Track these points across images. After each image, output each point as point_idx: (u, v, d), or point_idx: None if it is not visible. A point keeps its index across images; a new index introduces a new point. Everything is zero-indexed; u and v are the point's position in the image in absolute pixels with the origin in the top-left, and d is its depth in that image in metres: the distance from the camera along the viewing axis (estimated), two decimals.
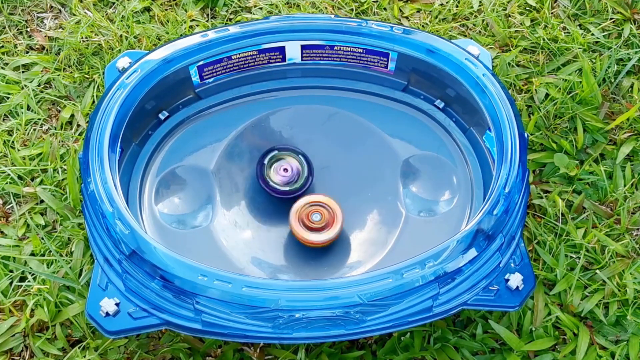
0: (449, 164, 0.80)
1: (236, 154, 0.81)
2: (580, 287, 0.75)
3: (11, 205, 0.82)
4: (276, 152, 0.78)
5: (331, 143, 0.82)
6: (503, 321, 0.73)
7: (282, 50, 0.82)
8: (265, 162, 0.77)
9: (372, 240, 0.75)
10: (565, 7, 1.00)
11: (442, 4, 1.01)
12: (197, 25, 0.98)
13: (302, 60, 0.84)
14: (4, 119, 0.89)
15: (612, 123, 0.87)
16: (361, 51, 0.82)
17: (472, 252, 0.64)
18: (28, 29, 0.98)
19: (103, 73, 0.91)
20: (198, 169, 0.80)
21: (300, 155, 0.78)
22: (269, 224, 0.77)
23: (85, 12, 0.99)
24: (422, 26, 0.98)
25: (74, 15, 0.99)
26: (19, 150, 0.86)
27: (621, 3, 0.99)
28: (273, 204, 0.78)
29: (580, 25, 0.98)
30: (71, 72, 0.93)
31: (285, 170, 0.76)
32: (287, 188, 0.77)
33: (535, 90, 0.91)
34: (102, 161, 0.69)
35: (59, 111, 0.90)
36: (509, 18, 0.99)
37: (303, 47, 0.83)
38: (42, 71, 0.93)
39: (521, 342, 0.72)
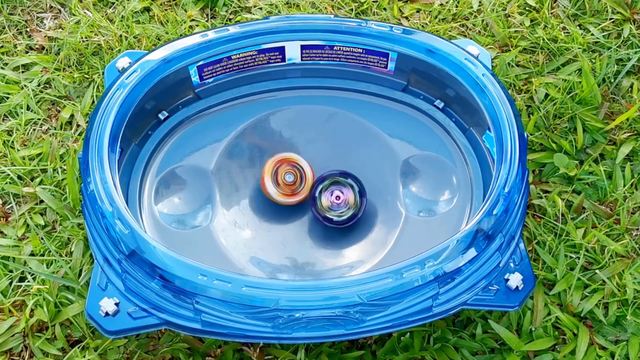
0: (448, 164, 0.80)
1: (236, 154, 0.81)
2: (580, 287, 0.75)
3: (11, 205, 0.82)
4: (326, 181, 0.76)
5: (331, 143, 0.82)
6: (503, 321, 0.73)
7: (281, 50, 0.83)
8: (317, 193, 0.76)
9: (372, 240, 0.75)
10: (565, 7, 1.00)
11: (441, 4, 1.01)
12: (197, 25, 0.98)
13: (301, 60, 0.84)
14: (3, 119, 0.89)
15: (611, 123, 0.87)
16: (361, 51, 0.82)
17: (472, 252, 0.64)
18: (28, 29, 0.98)
19: (103, 73, 0.91)
20: (198, 169, 0.80)
21: (349, 179, 0.76)
22: (269, 224, 0.77)
23: (85, 12, 0.99)
24: (422, 26, 0.98)
25: (74, 15, 0.99)
26: (18, 150, 0.86)
27: (621, 3, 0.99)
28: (273, 204, 0.78)
29: (580, 25, 0.98)
30: (71, 72, 0.93)
31: (338, 197, 0.75)
32: (339, 218, 0.75)
33: (535, 90, 0.91)
34: (102, 161, 0.69)
35: (59, 111, 0.90)
36: (509, 18, 0.99)
37: (303, 47, 0.83)
38: (41, 71, 0.93)
39: (521, 342, 0.72)
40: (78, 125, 0.88)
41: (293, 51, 0.83)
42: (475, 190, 0.78)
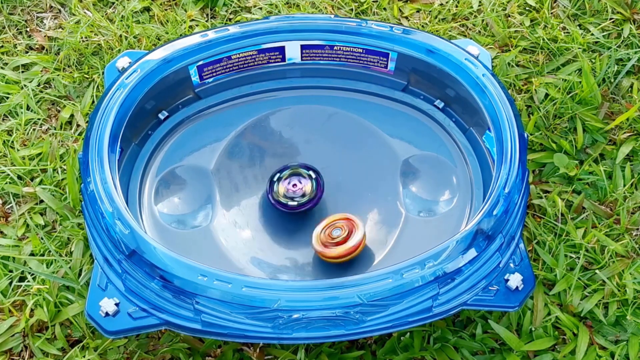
0: (448, 164, 0.80)
1: (236, 154, 0.81)
2: (580, 287, 0.75)
3: (11, 205, 0.82)
4: (286, 170, 0.76)
5: (331, 143, 0.82)
6: (503, 321, 0.73)
7: (281, 50, 0.82)
8: (275, 179, 0.76)
9: (372, 240, 0.75)
10: (565, 7, 1.00)
11: (441, 4, 1.01)
12: (197, 25, 0.98)
13: (301, 60, 0.84)
14: (3, 119, 0.89)
15: (611, 123, 0.87)
16: (361, 51, 0.82)
17: (472, 253, 0.64)
18: (28, 29, 0.98)
19: (103, 73, 0.91)
20: (198, 169, 0.80)
21: (309, 170, 0.76)
22: (269, 224, 0.77)
23: (84, 12, 0.99)
24: (422, 26, 0.98)
25: (74, 15, 0.99)
26: (18, 150, 0.86)
27: (621, 3, 0.99)
28: (273, 204, 0.78)
29: (580, 25, 0.98)
30: (71, 72, 0.93)
31: (294, 185, 0.75)
32: (294, 203, 0.75)
33: (535, 90, 0.91)
34: (102, 161, 0.69)
35: (59, 111, 0.90)
36: (509, 18, 0.99)
37: (303, 47, 0.83)
38: (41, 71, 0.93)
39: (521, 342, 0.72)
40: (78, 125, 0.88)
41: (293, 51, 0.83)
42: (475, 190, 0.78)
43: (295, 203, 0.75)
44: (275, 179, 0.76)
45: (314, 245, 0.72)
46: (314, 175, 0.76)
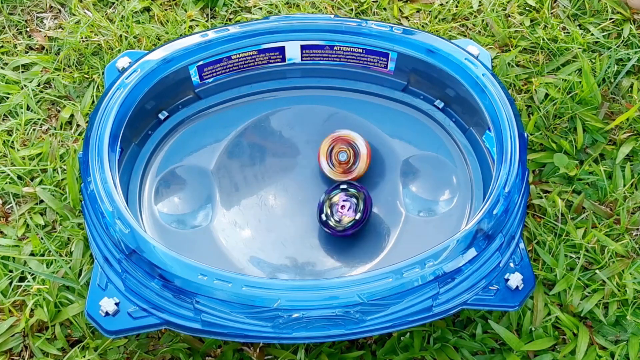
0: (448, 164, 0.80)
1: (236, 154, 0.81)
2: (580, 287, 0.75)
3: (11, 205, 0.82)
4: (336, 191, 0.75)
5: None
6: (503, 321, 0.73)
7: (281, 50, 0.82)
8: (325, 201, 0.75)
9: (372, 239, 0.75)
10: (565, 7, 1.00)
11: (441, 4, 1.01)
12: (197, 25, 0.98)
13: (301, 60, 0.84)
14: (3, 119, 0.89)
15: (611, 123, 0.87)
16: (361, 51, 0.82)
17: (472, 252, 0.64)
18: (28, 29, 0.98)
19: (103, 73, 0.91)
20: (198, 169, 0.80)
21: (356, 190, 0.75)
22: (269, 224, 0.77)
23: (84, 12, 0.99)
24: (422, 26, 0.98)
25: (74, 15, 0.99)
26: (18, 150, 0.86)
27: (621, 3, 0.99)
28: (273, 204, 0.78)
29: (579, 25, 0.98)
30: (71, 72, 0.93)
31: (343, 207, 0.74)
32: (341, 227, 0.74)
33: (535, 90, 0.91)
34: (102, 161, 0.69)
35: (59, 111, 0.90)
36: (509, 18, 0.99)
37: (303, 47, 0.83)
38: (41, 71, 0.93)
39: (521, 342, 0.72)
40: (78, 125, 0.88)
41: (293, 51, 0.83)
42: (475, 190, 0.78)
43: (341, 228, 0.73)
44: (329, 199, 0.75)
45: (320, 163, 0.76)
46: (361, 194, 0.75)
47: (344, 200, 0.74)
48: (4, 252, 0.77)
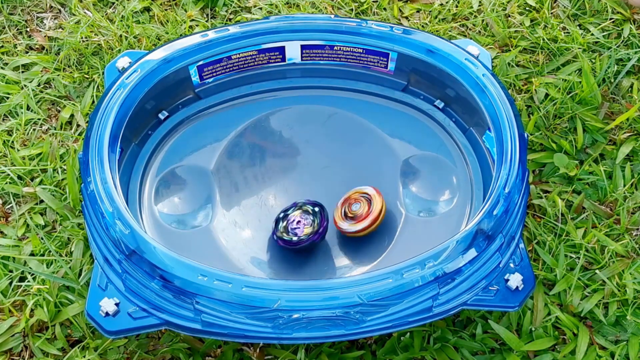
0: (448, 164, 0.80)
1: (236, 154, 0.81)
2: (580, 287, 0.75)
3: (11, 205, 0.82)
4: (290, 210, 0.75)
5: (331, 143, 0.82)
6: (503, 321, 0.73)
7: (282, 50, 0.83)
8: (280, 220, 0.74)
9: (372, 240, 0.75)
10: (565, 7, 1.00)
11: (441, 4, 1.01)
12: (197, 25, 0.98)
13: (302, 60, 0.84)
14: (3, 119, 0.89)
15: (611, 123, 0.87)
16: (361, 51, 0.82)
17: (472, 253, 0.64)
18: (28, 29, 0.98)
19: (103, 73, 0.91)
20: (198, 169, 0.80)
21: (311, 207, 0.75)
22: (269, 224, 0.77)
23: (85, 12, 0.99)
24: (422, 26, 0.98)
25: (74, 15, 0.99)
26: (18, 150, 0.86)
27: (621, 3, 0.99)
28: (273, 204, 0.78)
29: (580, 25, 0.98)
30: (71, 72, 0.93)
31: (299, 223, 0.74)
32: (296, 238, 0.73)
33: (535, 90, 0.91)
34: (102, 161, 0.69)
35: (59, 111, 0.90)
36: (509, 18, 0.99)
37: (303, 47, 0.83)
38: (41, 71, 0.93)
39: (521, 342, 0.72)
40: (78, 125, 0.88)
41: (293, 51, 0.83)
42: (475, 190, 0.78)
43: (296, 238, 0.73)
44: (280, 216, 0.75)
45: (338, 225, 0.73)
46: (317, 210, 0.74)
47: (301, 217, 0.73)
48: (4, 252, 0.77)
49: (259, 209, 0.78)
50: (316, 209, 0.74)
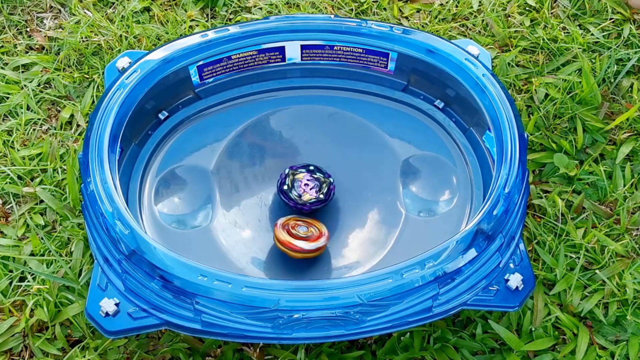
0: (448, 164, 0.80)
1: (236, 154, 0.81)
2: (580, 287, 0.75)
3: (11, 205, 0.82)
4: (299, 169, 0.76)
5: (331, 143, 0.82)
6: (503, 321, 0.73)
7: (282, 50, 0.83)
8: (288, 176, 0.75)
9: (372, 240, 0.75)
10: (565, 7, 1.00)
11: (441, 4, 1.01)
12: (197, 25, 0.98)
13: (302, 60, 0.84)
14: (3, 119, 0.89)
15: (611, 123, 0.87)
16: (361, 51, 0.82)
17: (472, 253, 0.64)
18: (28, 29, 0.98)
19: (103, 73, 0.91)
20: (198, 169, 0.80)
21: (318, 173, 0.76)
22: (269, 224, 0.77)
23: (85, 12, 0.99)
24: (422, 26, 0.98)
25: (74, 15, 0.99)
26: (18, 150, 0.86)
27: (621, 3, 0.99)
28: (273, 204, 0.78)
29: (580, 25, 0.98)
30: (71, 72, 0.93)
31: (306, 185, 0.74)
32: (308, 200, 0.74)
33: (535, 90, 0.91)
34: (102, 161, 0.69)
35: (59, 111, 0.90)
36: (509, 18, 0.99)
37: (303, 47, 0.83)
38: (41, 71, 0.93)
39: (521, 342, 0.72)
40: (78, 125, 0.88)
41: (293, 51, 0.83)
42: (475, 190, 0.78)
43: (304, 200, 0.74)
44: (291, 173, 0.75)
45: (278, 232, 0.71)
46: (331, 180, 0.76)
47: (308, 179, 0.74)
48: (4, 252, 0.77)
49: (259, 209, 0.78)
50: (327, 180, 0.75)
